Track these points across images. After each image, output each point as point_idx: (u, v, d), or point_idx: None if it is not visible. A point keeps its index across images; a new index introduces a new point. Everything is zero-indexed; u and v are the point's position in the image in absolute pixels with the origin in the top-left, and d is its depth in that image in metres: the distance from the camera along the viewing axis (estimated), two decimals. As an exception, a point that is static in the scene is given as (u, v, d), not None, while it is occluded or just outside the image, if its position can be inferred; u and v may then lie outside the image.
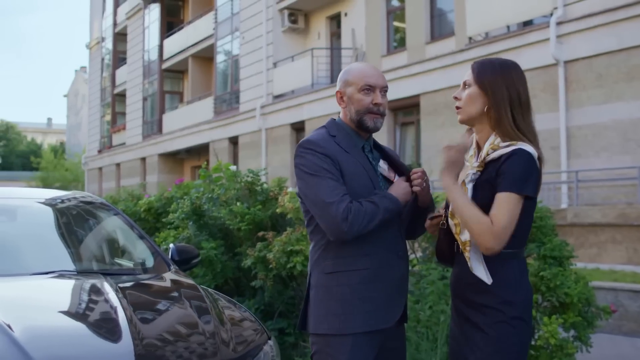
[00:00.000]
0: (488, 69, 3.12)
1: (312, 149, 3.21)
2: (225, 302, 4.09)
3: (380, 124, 3.36)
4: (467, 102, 3.14)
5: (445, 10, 20.48)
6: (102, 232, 5.13)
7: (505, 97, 3.06)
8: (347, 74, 3.38)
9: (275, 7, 26.51)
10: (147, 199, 8.89)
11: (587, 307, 5.64)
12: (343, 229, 3.09)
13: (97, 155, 46.31)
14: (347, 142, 3.31)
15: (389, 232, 3.27)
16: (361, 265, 3.20)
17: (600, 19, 14.88)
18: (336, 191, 3.12)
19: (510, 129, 3.04)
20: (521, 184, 2.93)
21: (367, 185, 3.25)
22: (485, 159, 3.06)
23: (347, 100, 3.34)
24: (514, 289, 3.03)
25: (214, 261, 6.59)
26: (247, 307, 6.49)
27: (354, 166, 3.25)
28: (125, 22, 42.27)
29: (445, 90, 18.44)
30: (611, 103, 14.61)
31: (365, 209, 3.09)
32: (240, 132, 28.26)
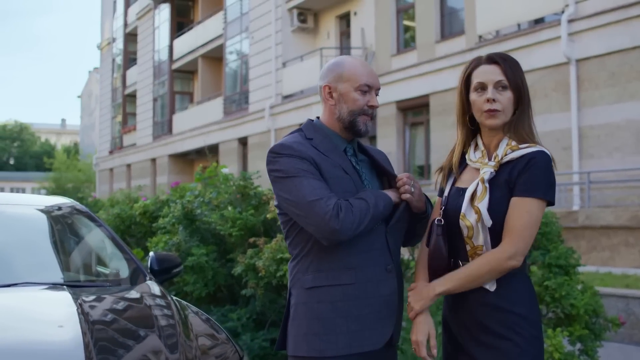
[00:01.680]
0: (517, 67, 2.90)
1: (286, 153, 2.91)
2: (199, 319, 3.80)
3: (371, 128, 3.09)
4: (508, 105, 2.86)
5: (455, 9, 20.21)
6: (77, 242, 4.85)
7: (529, 99, 2.92)
8: (340, 67, 3.05)
9: (284, 7, 26.32)
10: (143, 202, 8.63)
11: (595, 318, 5.34)
12: (335, 227, 2.77)
13: (108, 156, 46.27)
14: (326, 145, 3.01)
15: (375, 242, 2.96)
16: (345, 279, 2.90)
17: (613, 16, 14.58)
18: (320, 190, 2.83)
19: (529, 131, 2.87)
20: (546, 189, 2.76)
21: (351, 190, 2.94)
22: (502, 160, 2.83)
23: (337, 97, 3.03)
24: (528, 304, 2.83)
25: (205, 268, 6.33)
26: (238, 316, 6.23)
27: (335, 170, 2.95)
28: (136, 23, 42.18)
29: (455, 90, 18.09)
30: (624, 102, 14.30)
31: (355, 205, 2.82)
32: (249, 133, 28.07)
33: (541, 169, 2.74)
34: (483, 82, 2.87)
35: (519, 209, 2.73)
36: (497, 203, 2.77)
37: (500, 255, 2.72)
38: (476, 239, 2.81)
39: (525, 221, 2.72)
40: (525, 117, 2.86)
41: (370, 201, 2.86)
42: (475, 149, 2.98)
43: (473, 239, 2.82)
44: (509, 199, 2.76)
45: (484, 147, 2.95)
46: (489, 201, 2.78)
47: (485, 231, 2.79)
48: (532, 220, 2.73)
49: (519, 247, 2.72)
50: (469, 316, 2.85)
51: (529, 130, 2.86)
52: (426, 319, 2.89)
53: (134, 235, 8.82)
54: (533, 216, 2.73)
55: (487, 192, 2.79)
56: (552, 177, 2.77)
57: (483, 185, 2.81)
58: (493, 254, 2.74)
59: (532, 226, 2.74)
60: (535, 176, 2.73)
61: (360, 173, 3.06)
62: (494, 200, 2.78)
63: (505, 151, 2.82)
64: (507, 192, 2.77)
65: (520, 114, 2.85)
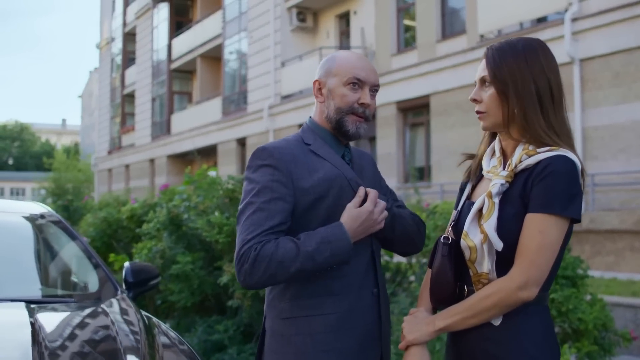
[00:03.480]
0: (509, 56, 2.37)
1: (261, 164, 2.55)
2: (168, 340, 3.44)
3: (362, 131, 2.65)
4: (492, 105, 2.41)
5: (456, 8, 19.91)
6: (44, 252, 4.46)
7: (533, 92, 2.33)
8: (331, 61, 2.71)
9: (283, 6, 26.03)
10: (130, 206, 8.30)
11: (604, 332, 4.99)
12: (240, 279, 2.46)
13: (106, 156, 46.03)
14: (327, 150, 2.65)
15: (360, 264, 2.59)
16: (327, 308, 2.52)
17: (618, 15, 14.27)
18: (254, 227, 2.44)
19: (542, 133, 2.32)
20: (565, 202, 2.23)
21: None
22: (517, 168, 2.34)
23: (326, 93, 2.67)
24: (541, 344, 2.32)
25: (191, 276, 6.00)
26: (225, 327, 5.90)
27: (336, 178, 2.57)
28: (135, 22, 41.92)
29: (456, 90, 18.00)
30: (629, 103, 13.99)
31: (277, 255, 2.38)
32: (248, 133, 27.77)
33: (559, 178, 2.23)
34: (475, 79, 2.50)
35: (531, 228, 2.24)
36: (509, 222, 2.30)
37: (508, 285, 2.24)
38: (480, 265, 2.35)
39: (537, 243, 2.23)
40: (533, 113, 2.32)
41: (304, 250, 2.39)
42: (492, 156, 2.52)
43: (476, 264, 2.36)
44: (524, 217, 2.28)
45: (501, 153, 2.48)
46: (498, 220, 2.31)
47: (492, 256, 2.31)
48: (547, 241, 2.23)
49: (530, 275, 2.23)
50: (469, 350, 2.41)
51: (548, 128, 2.32)
52: (420, 352, 2.40)
53: (121, 240, 8.50)
54: (548, 237, 2.23)
55: (494, 209, 2.32)
56: (574, 188, 2.25)
57: (490, 201, 2.34)
58: (500, 284, 2.27)
59: (547, 249, 2.23)
60: (550, 187, 2.23)
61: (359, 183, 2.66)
62: (505, 218, 2.31)
63: (520, 157, 2.34)
64: (522, 208, 2.30)
65: (525, 111, 2.33)
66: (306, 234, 2.46)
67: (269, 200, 2.48)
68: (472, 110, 9.39)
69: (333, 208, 2.54)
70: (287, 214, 2.49)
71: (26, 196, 79.61)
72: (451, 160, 18.45)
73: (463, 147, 17.91)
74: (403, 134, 21.00)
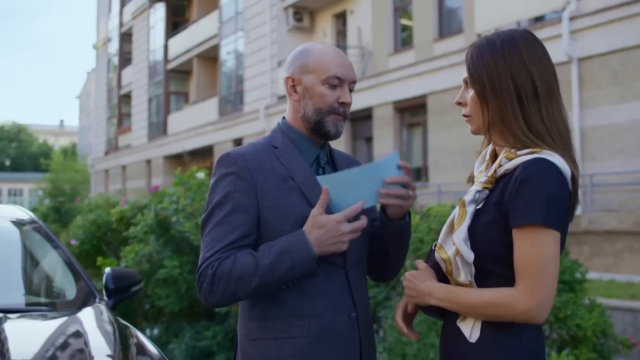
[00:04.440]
0: (485, 53, 2.16)
1: (225, 167, 2.36)
2: (142, 351, 3.26)
3: (342, 129, 2.46)
4: (474, 107, 2.21)
5: (453, 7, 19.80)
6: (20, 258, 4.29)
7: (511, 88, 2.10)
8: (305, 55, 2.47)
9: (280, 6, 25.90)
10: (120, 208, 8.14)
11: (603, 339, 4.83)
12: (201, 298, 2.31)
13: (103, 157, 45.92)
14: (292, 157, 2.42)
15: (334, 284, 2.37)
16: (295, 331, 2.30)
17: (616, 13, 14.14)
18: (214, 243, 2.27)
19: (521, 134, 2.10)
20: (546, 210, 1.99)
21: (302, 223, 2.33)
22: (496, 173, 2.12)
23: (302, 91, 2.45)
24: None
25: (178, 281, 5.84)
26: (213, 333, 5.75)
27: (290, 195, 2.35)
28: (131, 22, 41.80)
29: (454, 89, 17.86)
30: (628, 102, 13.85)
31: (235, 270, 2.21)
32: (244, 134, 27.61)
33: (535, 184, 1.99)
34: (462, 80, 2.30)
35: (522, 244, 2.01)
36: (482, 230, 2.09)
37: (515, 310, 2.01)
38: (458, 277, 2.14)
39: (535, 259, 1.99)
40: (511, 113, 2.10)
41: (262, 263, 2.21)
42: (484, 160, 2.32)
43: (454, 276, 2.16)
44: (502, 225, 2.06)
45: (491, 156, 2.27)
46: (469, 229, 2.09)
47: (468, 267, 2.10)
48: (545, 255, 1.99)
49: (540, 298, 1.99)
50: (445, 357, 2.25)
51: (529, 128, 2.09)
52: None
53: (110, 243, 8.33)
54: (542, 249, 1.99)
55: (466, 219, 2.11)
56: (553, 192, 2.00)
57: (462, 210, 2.13)
58: (509, 301, 2.02)
59: (549, 263, 2.00)
60: (527, 195, 2.00)
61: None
62: (479, 226, 2.10)
63: (500, 161, 2.13)
64: (499, 217, 2.07)
65: (502, 112, 2.12)
66: (266, 245, 2.28)
67: (229, 213, 2.30)
68: (468, 109, 8.95)
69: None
70: (249, 226, 2.31)
71: (24, 197, 79.42)
72: (449, 160, 18.33)
73: (460, 148, 17.81)
74: (400, 134, 20.86)
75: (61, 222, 11.56)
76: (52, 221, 11.86)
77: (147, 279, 6.08)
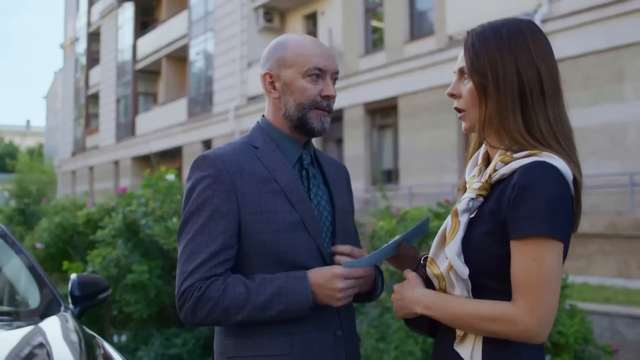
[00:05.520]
0: (490, 42, 1.94)
1: (202, 170, 2.18)
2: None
3: (328, 125, 2.28)
4: (471, 101, 1.99)
5: (424, 9, 19.74)
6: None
7: (515, 84, 1.90)
8: (282, 48, 2.29)
9: (250, 6, 25.72)
10: (87, 210, 7.92)
11: (584, 345, 4.72)
12: (180, 315, 2.14)
13: (70, 157, 45.43)
14: (274, 157, 2.24)
15: None
16: (276, 349, 2.14)
17: (588, 16, 14.16)
18: (194, 255, 2.10)
19: (518, 135, 1.90)
20: (549, 219, 1.79)
21: (294, 221, 2.18)
22: (491, 179, 1.93)
23: (282, 87, 2.27)
24: None
25: (147, 286, 5.65)
26: (184, 341, 5.56)
27: (273, 199, 2.18)
28: (99, 22, 41.39)
29: (425, 91, 17.85)
30: (599, 105, 13.85)
31: (223, 300, 2.06)
32: (213, 135, 27.40)
33: (535, 190, 1.79)
34: (454, 70, 2.09)
35: (521, 256, 1.82)
36: (478, 243, 1.90)
37: (514, 326, 1.82)
38: (453, 291, 1.96)
39: (536, 274, 1.80)
40: (510, 111, 1.91)
41: (254, 299, 2.06)
42: (476, 164, 2.12)
43: (449, 291, 1.97)
44: (499, 236, 1.87)
45: (484, 160, 2.07)
46: (465, 241, 1.91)
47: (463, 284, 1.92)
48: (545, 269, 1.79)
49: (540, 317, 1.79)
50: None
51: (526, 128, 1.91)
52: None
53: (77, 246, 8.11)
54: (544, 263, 1.79)
55: (459, 230, 1.92)
56: (555, 199, 1.80)
57: (454, 220, 1.94)
58: (505, 321, 1.83)
59: (549, 278, 1.80)
60: (528, 203, 1.80)
61: (312, 194, 2.29)
62: (474, 238, 1.91)
63: (495, 165, 1.93)
64: (495, 227, 1.87)
65: (499, 109, 1.92)
66: (263, 277, 2.11)
67: (208, 221, 2.12)
68: (441, 112, 9.23)
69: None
70: (230, 234, 2.13)
71: (-11, 198, 78.36)
72: (419, 162, 18.26)
73: (431, 150, 17.76)
74: (371, 136, 20.77)
75: (27, 224, 11.27)
76: (18, 223, 11.57)
77: (115, 284, 5.89)
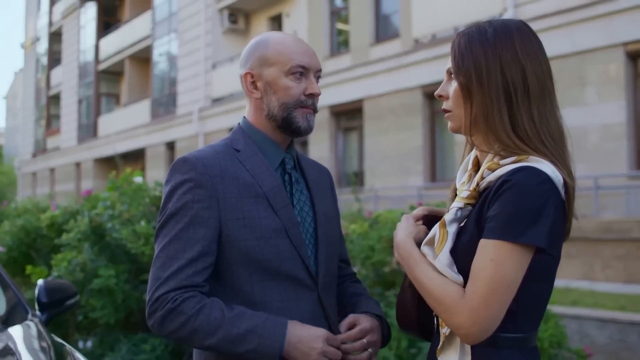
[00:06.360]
0: (475, 42, 1.90)
1: (182, 174, 2.09)
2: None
3: (313, 124, 2.21)
4: (458, 102, 1.94)
5: (390, 12, 19.75)
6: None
7: (499, 83, 1.85)
8: (263, 47, 2.20)
9: (214, 7, 25.58)
10: (51, 213, 7.75)
11: (558, 349, 4.71)
12: (149, 322, 2.03)
13: (31, 159, 44.89)
14: (257, 161, 2.16)
15: (305, 309, 2.12)
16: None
17: (553, 21, 14.27)
18: (170, 261, 2.00)
19: (506, 137, 1.84)
20: (524, 225, 1.73)
21: (277, 228, 2.09)
22: (479, 186, 1.88)
23: (264, 87, 2.18)
24: None
25: (114, 291, 5.52)
26: (152, 347, 5.45)
27: (256, 204, 2.09)
28: (61, 22, 40.93)
29: (391, 94, 17.87)
30: (563, 109, 13.32)
31: (195, 320, 1.96)
32: (177, 137, 27.21)
33: (518, 195, 1.74)
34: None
35: (482, 255, 1.77)
36: (463, 253, 1.84)
37: (448, 317, 1.81)
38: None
39: (489, 274, 1.75)
40: (496, 112, 1.85)
41: (228, 329, 1.95)
42: (466, 170, 2.05)
43: None
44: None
45: (474, 165, 2.01)
46: (451, 252, 1.86)
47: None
48: (501, 273, 1.74)
49: (478, 320, 1.75)
50: None
51: (514, 131, 1.85)
52: None
53: (40, 250, 7.93)
54: (499, 267, 1.74)
55: (446, 242, 1.87)
56: (540, 206, 1.74)
57: (442, 231, 1.89)
58: (446, 308, 1.81)
59: (502, 283, 1.75)
60: (506, 206, 1.75)
61: (295, 198, 2.20)
62: (462, 247, 1.86)
63: (482, 173, 1.88)
64: (478, 235, 1.82)
65: (485, 110, 1.86)
66: (242, 311, 2.00)
67: (187, 226, 2.03)
68: (406, 115, 9.22)
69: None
70: (209, 241, 2.04)
71: (-54, 200, 77.29)
72: (385, 165, 18.27)
73: (397, 152, 17.78)
74: (336, 138, 20.75)
75: (-14, 227, 11.04)
76: (-23, 226, 11.33)
77: (81, 289, 5.75)
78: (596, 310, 8.23)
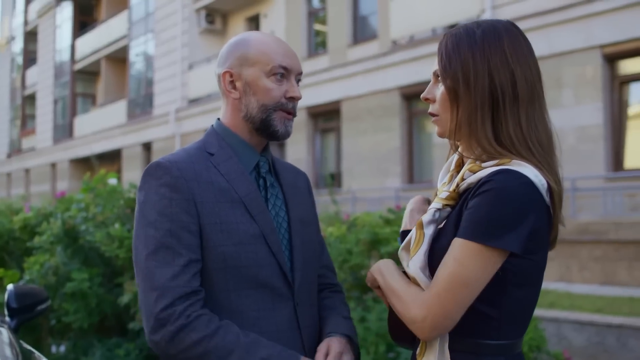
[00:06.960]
0: (463, 44, 1.84)
1: (157, 179, 1.98)
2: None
3: (291, 129, 2.14)
4: (444, 105, 1.89)
5: (368, 13, 19.75)
6: None
7: (486, 87, 1.80)
8: (244, 46, 2.12)
9: (191, 7, 25.46)
10: (23, 215, 7.62)
11: (537, 353, 4.67)
12: (155, 337, 1.89)
13: (5, 159, 44.50)
14: (232, 165, 2.08)
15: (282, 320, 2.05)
16: None
17: (531, 23, 14.27)
18: (165, 269, 1.90)
19: (486, 142, 1.80)
20: (496, 229, 1.69)
21: (255, 234, 2.02)
22: (459, 188, 1.84)
23: (243, 87, 2.09)
24: None
25: (88, 295, 5.42)
26: (126, 351, 5.36)
27: (233, 209, 2.01)
28: (37, 21, 40.66)
29: (368, 95, 17.85)
30: (541, 111, 13.94)
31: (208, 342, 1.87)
32: (153, 138, 27.07)
33: (494, 197, 1.69)
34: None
35: (449, 253, 1.75)
36: (440, 256, 1.79)
37: (405, 312, 1.81)
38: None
39: (450, 273, 1.72)
40: (479, 117, 1.81)
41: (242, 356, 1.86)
42: (448, 170, 2.02)
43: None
44: None
45: (456, 167, 1.97)
46: (429, 255, 1.82)
47: None
48: (463, 274, 1.71)
49: (430, 317, 1.74)
50: None
51: (496, 136, 1.80)
52: None
53: (13, 253, 7.80)
54: (462, 267, 1.71)
55: (423, 243, 1.83)
56: (515, 210, 1.69)
57: (418, 232, 1.85)
58: (405, 305, 1.81)
59: (460, 285, 1.71)
60: (480, 207, 1.71)
61: (270, 204, 2.13)
62: (439, 249, 1.81)
63: (463, 174, 1.84)
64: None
65: (469, 115, 1.82)
66: (257, 339, 1.92)
67: (169, 233, 1.93)
68: (384, 116, 9.16)
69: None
70: (194, 246, 1.95)
71: None
72: (362, 166, 18.24)
73: (374, 154, 17.75)
74: (313, 139, 20.70)
75: (-41, 229, 10.87)
76: (-52, 228, 11.14)
77: (53, 293, 5.65)
78: (574, 312, 8.22)
